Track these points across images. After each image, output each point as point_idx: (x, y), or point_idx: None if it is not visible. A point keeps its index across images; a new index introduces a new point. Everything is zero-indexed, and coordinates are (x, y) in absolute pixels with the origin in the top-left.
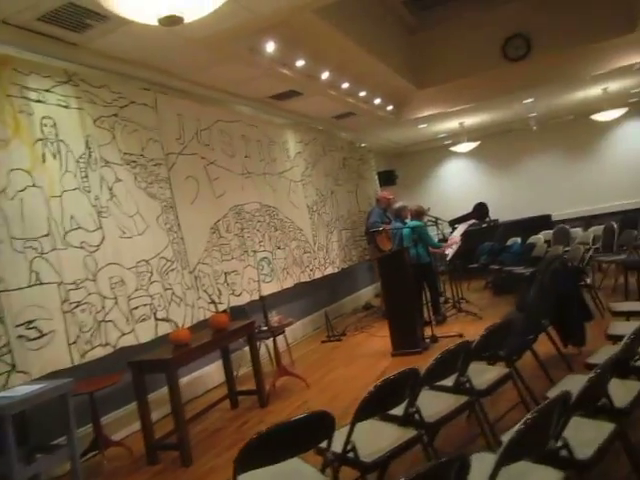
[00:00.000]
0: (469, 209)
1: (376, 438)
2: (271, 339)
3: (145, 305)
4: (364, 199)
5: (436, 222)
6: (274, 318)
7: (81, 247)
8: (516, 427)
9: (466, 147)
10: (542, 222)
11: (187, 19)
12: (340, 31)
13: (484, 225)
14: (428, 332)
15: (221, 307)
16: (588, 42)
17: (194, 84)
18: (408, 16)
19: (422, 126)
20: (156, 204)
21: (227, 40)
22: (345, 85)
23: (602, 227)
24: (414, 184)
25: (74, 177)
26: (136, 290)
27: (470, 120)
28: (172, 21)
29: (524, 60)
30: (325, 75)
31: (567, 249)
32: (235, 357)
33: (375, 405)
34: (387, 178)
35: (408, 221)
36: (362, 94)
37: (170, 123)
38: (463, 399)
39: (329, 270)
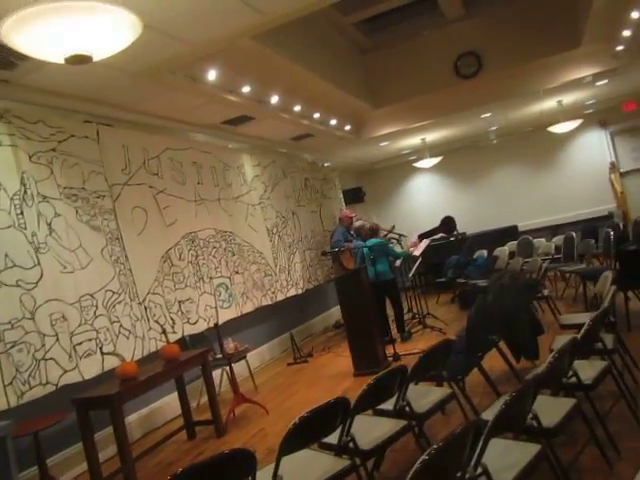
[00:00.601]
0: (437, 223)
1: (309, 470)
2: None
3: (90, 340)
4: (329, 218)
5: (398, 240)
6: (230, 345)
7: (17, 285)
8: (421, 458)
9: (428, 163)
10: (509, 233)
11: (96, 57)
12: (284, 55)
13: (452, 239)
14: (392, 350)
15: (175, 336)
16: (537, 57)
17: (139, 114)
18: (360, 37)
19: (384, 144)
20: (100, 236)
21: (164, 71)
22: (297, 108)
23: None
24: (382, 200)
25: (8, 215)
26: (79, 325)
27: (431, 136)
28: (80, 60)
29: (476, 77)
30: (275, 99)
31: (527, 260)
32: (195, 386)
33: (302, 437)
34: (354, 196)
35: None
36: (316, 116)
37: (114, 154)
38: (403, 423)
39: (292, 292)
